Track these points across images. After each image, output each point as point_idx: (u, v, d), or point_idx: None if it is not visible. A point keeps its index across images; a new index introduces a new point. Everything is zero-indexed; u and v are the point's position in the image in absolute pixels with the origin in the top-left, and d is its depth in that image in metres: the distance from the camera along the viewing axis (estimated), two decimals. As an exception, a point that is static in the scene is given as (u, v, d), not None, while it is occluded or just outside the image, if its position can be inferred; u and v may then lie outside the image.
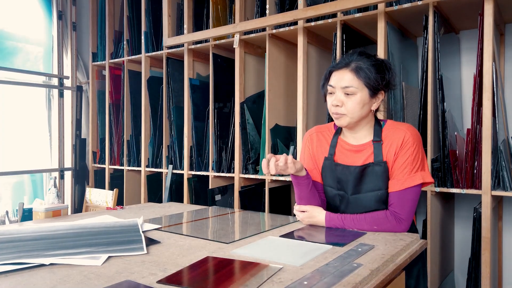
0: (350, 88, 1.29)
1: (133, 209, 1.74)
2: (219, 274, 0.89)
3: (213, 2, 2.67)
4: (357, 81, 1.29)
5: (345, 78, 1.29)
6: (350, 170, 1.34)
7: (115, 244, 1.09)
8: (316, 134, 1.47)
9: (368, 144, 1.36)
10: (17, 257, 0.96)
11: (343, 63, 1.32)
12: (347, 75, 1.30)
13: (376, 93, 1.32)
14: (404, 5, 1.93)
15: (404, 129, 1.32)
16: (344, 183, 1.36)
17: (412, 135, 1.31)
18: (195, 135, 2.78)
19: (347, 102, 1.30)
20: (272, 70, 2.40)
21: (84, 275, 0.87)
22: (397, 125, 1.35)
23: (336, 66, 1.34)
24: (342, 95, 1.30)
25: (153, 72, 3.15)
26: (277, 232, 1.28)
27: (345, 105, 1.30)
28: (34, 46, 3.31)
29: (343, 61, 1.33)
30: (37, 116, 3.35)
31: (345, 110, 1.30)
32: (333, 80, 1.32)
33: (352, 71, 1.29)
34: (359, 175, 1.33)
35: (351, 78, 1.29)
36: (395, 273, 0.98)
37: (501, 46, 2.16)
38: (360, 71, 1.29)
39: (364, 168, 1.32)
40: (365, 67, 1.29)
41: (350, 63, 1.30)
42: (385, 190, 1.31)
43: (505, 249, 2.20)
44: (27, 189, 3.27)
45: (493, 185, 1.75)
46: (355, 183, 1.33)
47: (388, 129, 1.35)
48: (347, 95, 1.30)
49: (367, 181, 1.32)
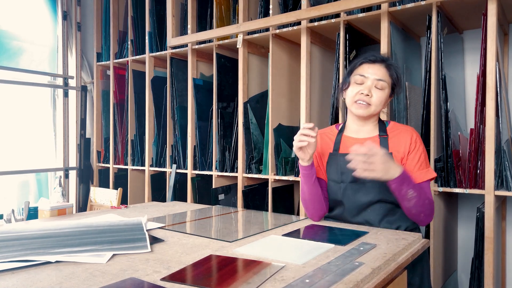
0: (382, 82, 1.37)
1: (137, 208, 1.75)
2: (222, 272, 0.90)
3: (217, 3, 2.68)
4: (388, 77, 1.38)
5: (380, 72, 1.37)
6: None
7: (120, 242, 1.10)
8: (320, 136, 1.52)
9: (373, 138, 1.42)
10: (23, 254, 0.98)
11: (379, 58, 1.40)
12: (382, 70, 1.38)
13: (392, 93, 1.42)
14: (407, 5, 1.93)
15: (410, 130, 1.42)
16: (346, 173, 1.39)
17: (417, 135, 1.41)
18: (198, 134, 2.79)
19: (375, 94, 1.37)
20: (275, 70, 2.40)
21: (90, 273, 0.89)
22: (401, 126, 1.45)
23: (369, 59, 1.40)
24: (372, 87, 1.37)
25: (157, 72, 3.17)
26: (280, 231, 1.29)
27: (373, 97, 1.37)
28: (39, 46, 3.34)
29: (377, 56, 1.40)
30: (42, 115, 3.37)
31: (372, 100, 1.37)
32: (367, 70, 1.38)
33: (386, 68, 1.38)
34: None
35: (385, 73, 1.38)
36: (396, 272, 0.99)
37: (504, 46, 2.16)
38: (392, 69, 1.38)
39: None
40: (395, 66, 1.39)
41: (384, 60, 1.39)
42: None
43: (509, 249, 2.20)
44: (32, 188, 3.30)
45: (496, 185, 1.75)
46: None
47: (392, 128, 1.43)
48: (376, 88, 1.37)
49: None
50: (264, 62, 2.70)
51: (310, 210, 1.43)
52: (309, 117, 2.27)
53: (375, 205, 1.37)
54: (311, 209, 1.43)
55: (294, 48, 2.54)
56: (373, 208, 1.37)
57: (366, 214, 1.38)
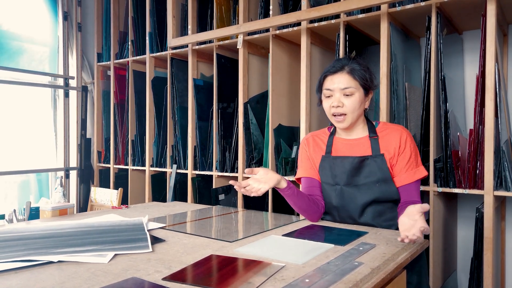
0: (349, 89, 1.37)
1: (138, 208, 1.76)
2: (222, 271, 0.91)
3: (217, 3, 2.69)
4: (354, 81, 1.38)
5: (343, 80, 1.38)
6: (349, 160, 1.40)
7: (121, 242, 1.11)
8: (312, 138, 1.55)
9: (364, 139, 1.44)
10: (26, 254, 0.99)
11: (338, 67, 1.40)
12: (344, 77, 1.38)
13: (367, 92, 1.41)
14: (407, 6, 1.94)
15: (399, 129, 1.42)
16: (339, 176, 1.41)
17: (407, 134, 1.42)
18: (199, 135, 2.80)
19: (346, 102, 1.37)
20: (275, 71, 2.41)
21: (92, 272, 0.89)
22: (391, 125, 1.45)
23: (330, 70, 1.41)
24: (341, 96, 1.38)
25: (158, 72, 3.18)
26: (280, 231, 1.30)
27: (345, 105, 1.37)
28: (40, 46, 3.34)
29: (336, 65, 1.40)
30: (42, 116, 3.38)
31: (346, 109, 1.37)
32: (330, 83, 1.39)
33: (348, 73, 1.38)
34: (357, 166, 1.39)
35: (349, 80, 1.38)
36: (395, 272, 0.99)
37: (504, 47, 2.17)
38: (355, 72, 1.38)
39: (363, 160, 1.39)
40: (359, 69, 1.38)
41: (344, 67, 1.39)
42: (383, 182, 1.36)
43: (508, 249, 2.21)
44: (33, 188, 3.30)
45: (496, 185, 1.76)
46: (352, 173, 1.39)
47: (382, 128, 1.44)
48: (346, 96, 1.38)
49: (365, 173, 1.38)
50: (264, 62, 2.71)
51: (305, 216, 1.46)
52: (309, 117, 2.27)
53: (372, 206, 1.38)
54: (306, 215, 1.45)
55: (294, 49, 2.55)
56: (370, 209, 1.38)
57: (363, 216, 1.39)
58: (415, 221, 1.06)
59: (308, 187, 1.49)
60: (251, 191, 1.29)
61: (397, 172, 1.38)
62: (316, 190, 1.47)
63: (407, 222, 1.07)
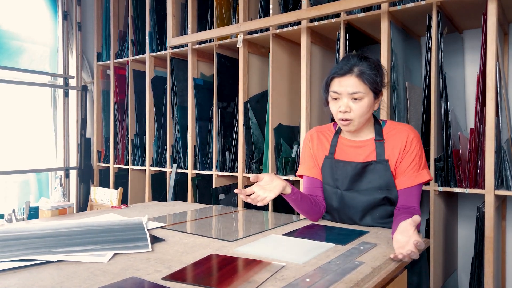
0: (358, 94, 1.28)
1: (137, 208, 1.76)
2: (222, 271, 0.90)
3: (217, 2, 2.68)
4: (363, 86, 1.28)
5: (352, 84, 1.28)
6: (352, 166, 1.36)
7: (121, 242, 1.11)
8: (317, 134, 1.49)
9: (369, 141, 1.39)
10: (25, 254, 0.98)
11: (346, 69, 1.30)
12: (352, 81, 1.28)
13: (378, 94, 1.34)
14: (407, 5, 1.93)
15: (406, 129, 1.36)
16: (340, 180, 1.38)
17: (414, 135, 1.36)
18: (199, 134, 2.79)
19: (354, 107, 1.29)
20: (275, 70, 2.41)
21: (91, 272, 0.89)
22: (398, 125, 1.39)
23: (338, 72, 1.31)
24: (349, 101, 1.30)
25: (158, 72, 3.17)
26: (280, 230, 1.29)
27: (353, 111, 1.30)
28: (40, 46, 3.34)
29: (344, 66, 1.30)
30: (42, 115, 3.37)
31: (353, 115, 1.30)
32: (338, 86, 1.30)
33: (357, 77, 1.28)
34: (360, 171, 1.35)
35: (358, 84, 1.28)
36: (397, 271, 0.99)
37: (505, 46, 2.16)
38: (364, 75, 1.28)
39: (366, 165, 1.35)
40: (368, 71, 1.28)
41: (353, 68, 1.29)
42: (385, 189, 1.33)
43: (509, 248, 2.20)
44: (33, 188, 3.30)
45: (496, 184, 1.75)
46: (353, 179, 1.36)
47: (389, 128, 1.39)
48: (354, 100, 1.29)
49: (368, 178, 1.35)
50: (264, 62, 2.71)
51: (307, 216, 1.45)
52: (309, 117, 2.27)
53: (372, 210, 1.36)
54: (308, 216, 1.44)
55: (295, 48, 2.54)
56: (370, 213, 1.37)
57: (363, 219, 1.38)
58: (409, 237, 1.02)
59: (310, 187, 1.47)
60: (257, 200, 1.23)
61: (399, 173, 1.34)
62: (318, 191, 1.45)
63: (402, 240, 1.04)
